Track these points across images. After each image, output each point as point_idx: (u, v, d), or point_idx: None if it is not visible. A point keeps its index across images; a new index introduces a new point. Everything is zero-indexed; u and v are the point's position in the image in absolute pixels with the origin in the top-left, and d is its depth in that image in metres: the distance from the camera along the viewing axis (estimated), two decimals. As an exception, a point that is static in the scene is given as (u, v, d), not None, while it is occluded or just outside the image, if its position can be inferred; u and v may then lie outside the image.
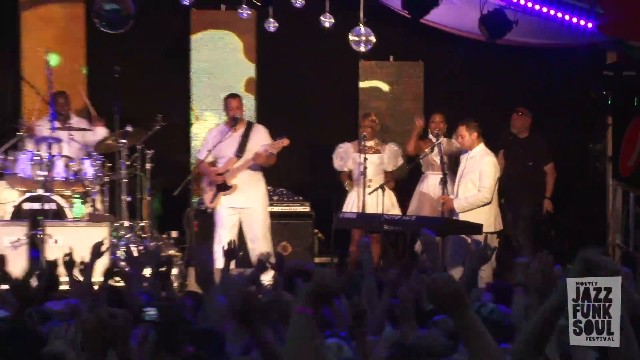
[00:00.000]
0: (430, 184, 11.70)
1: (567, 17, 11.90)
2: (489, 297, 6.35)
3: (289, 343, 3.64)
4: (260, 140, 11.44)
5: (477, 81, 13.53)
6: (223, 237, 10.89)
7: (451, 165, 11.57)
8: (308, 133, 13.15)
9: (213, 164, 11.55)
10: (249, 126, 11.60)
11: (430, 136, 11.70)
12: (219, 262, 9.95)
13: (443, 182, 10.94)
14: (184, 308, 5.79)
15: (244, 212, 11.42)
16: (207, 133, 12.04)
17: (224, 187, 11.47)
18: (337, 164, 12.07)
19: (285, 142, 11.27)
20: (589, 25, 11.94)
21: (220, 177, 11.41)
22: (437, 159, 11.31)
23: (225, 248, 7.40)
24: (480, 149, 10.88)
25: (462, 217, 10.61)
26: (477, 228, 10.32)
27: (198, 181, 12.27)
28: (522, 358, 3.75)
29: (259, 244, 11.16)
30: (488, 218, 10.65)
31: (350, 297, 5.45)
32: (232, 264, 8.03)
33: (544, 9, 11.87)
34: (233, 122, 11.38)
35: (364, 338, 5.06)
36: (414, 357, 4.34)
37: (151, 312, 5.03)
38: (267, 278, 7.64)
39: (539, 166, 11.86)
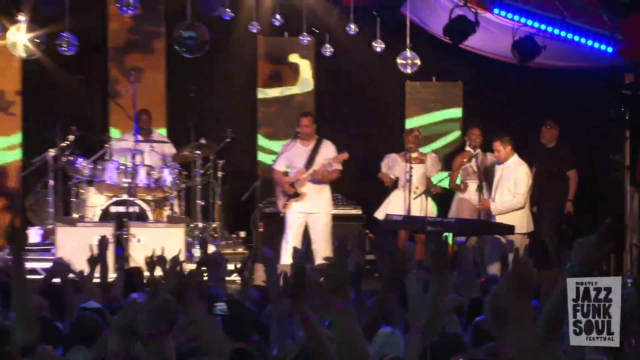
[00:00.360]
0: (468, 190, 12.67)
1: (589, 43, 12.35)
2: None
3: (338, 340, 3.71)
4: (327, 154, 12.39)
5: (510, 99, 14.34)
6: (290, 237, 11.98)
7: (486, 175, 12.50)
8: (359, 145, 13.91)
9: (285, 173, 12.49)
10: (319, 141, 12.49)
11: (468, 148, 12.65)
12: (285, 259, 11.41)
13: (479, 188, 12.03)
14: (251, 301, 6.43)
15: (310, 216, 12.35)
16: (282, 145, 12.94)
17: (294, 195, 12.45)
18: (385, 170, 12.95)
19: (345, 156, 12.25)
20: (609, 49, 12.35)
21: (291, 188, 12.38)
22: (475, 168, 12.33)
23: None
24: (514, 160, 11.90)
25: (498, 219, 11.62)
26: (509, 229, 11.34)
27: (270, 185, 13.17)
28: (541, 343, 3.73)
29: (321, 244, 12.11)
30: (520, 220, 11.65)
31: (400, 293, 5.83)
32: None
33: (569, 35, 12.33)
34: (304, 137, 12.35)
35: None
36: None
37: (221, 306, 5.39)
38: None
39: (563, 172, 12.67)
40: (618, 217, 12.92)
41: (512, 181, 11.89)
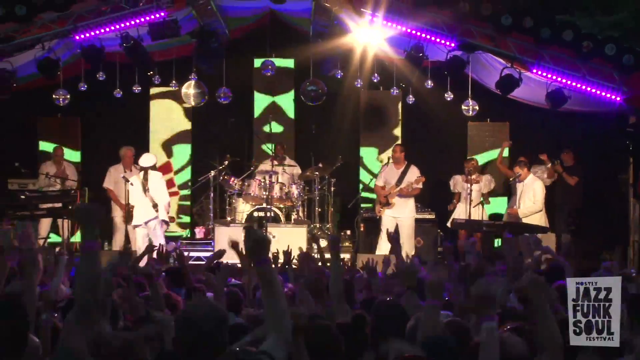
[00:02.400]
0: (512, 201, 14.91)
1: (603, 94, 13.64)
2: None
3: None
4: (413, 176, 14.43)
5: (544, 133, 15.84)
6: (383, 234, 13.87)
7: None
8: (433, 168, 15.49)
9: (383, 187, 14.60)
10: (408, 165, 14.59)
11: (515, 170, 14.78)
12: (380, 250, 13.61)
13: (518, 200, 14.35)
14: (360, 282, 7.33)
15: (398, 219, 14.42)
16: (381, 166, 14.81)
17: (386, 204, 14.54)
18: (452, 187, 15.20)
19: (423, 179, 14.41)
20: (617, 98, 13.63)
21: (385, 198, 14.50)
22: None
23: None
24: (531, 177, 14.27)
25: (524, 220, 13.90)
26: (542, 229, 13.52)
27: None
28: None
29: (406, 240, 13.91)
30: (539, 221, 13.99)
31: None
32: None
33: (588, 89, 13.60)
34: (396, 161, 14.36)
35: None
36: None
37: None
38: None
39: (577, 185, 14.53)
40: (624, 220, 14.49)
41: (532, 192, 14.06)
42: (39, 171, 15.03)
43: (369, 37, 14.53)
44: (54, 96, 14.94)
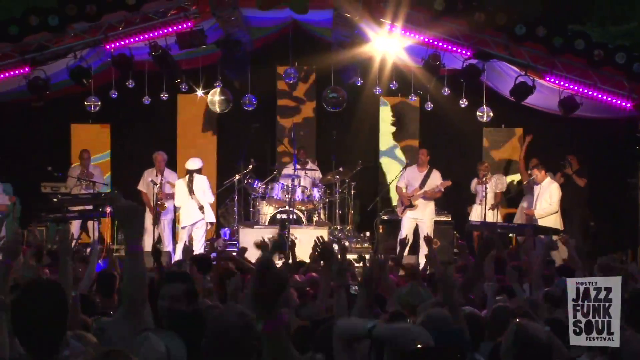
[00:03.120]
0: (528, 202, 15.21)
1: (613, 100, 13.87)
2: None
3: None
4: (436, 180, 14.63)
5: (556, 139, 16.12)
6: (403, 235, 13.83)
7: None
8: (450, 172, 15.43)
9: (404, 189, 14.75)
10: (430, 169, 14.77)
11: (529, 172, 15.07)
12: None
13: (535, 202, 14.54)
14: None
15: (419, 220, 14.63)
16: (402, 170, 15.09)
17: (409, 205, 14.69)
18: (472, 189, 15.47)
19: (448, 183, 14.58)
20: (628, 105, 13.87)
21: (408, 200, 14.65)
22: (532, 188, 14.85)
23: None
24: (548, 180, 14.41)
25: (540, 221, 14.10)
26: (555, 230, 13.76)
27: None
28: None
29: (425, 243, 13.37)
30: (555, 222, 14.21)
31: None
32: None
33: (599, 95, 13.83)
34: (420, 164, 14.53)
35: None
36: None
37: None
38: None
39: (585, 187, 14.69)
40: (633, 223, 14.73)
41: (548, 194, 14.24)
42: (67, 174, 15.38)
43: (388, 46, 14.81)
44: (85, 103, 15.40)
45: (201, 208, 14.33)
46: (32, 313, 3.56)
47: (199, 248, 13.58)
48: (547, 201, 14.43)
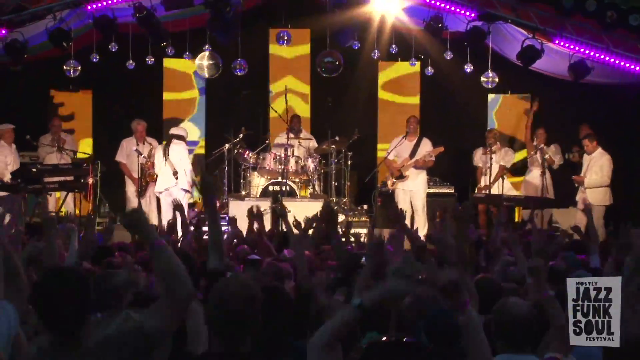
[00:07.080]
0: (533, 175, 14.85)
1: (627, 65, 13.67)
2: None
3: None
4: (426, 148, 14.35)
5: (566, 105, 15.71)
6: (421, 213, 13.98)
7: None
8: (452, 141, 15.30)
9: (395, 161, 14.50)
10: (420, 138, 14.41)
11: (535, 143, 14.77)
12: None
13: (542, 174, 14.23)
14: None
15: (411, 192, 14.39)
16: (393, 140, 14.66)
17: (400, 177, 14.44)
18: (475, 159, 15.07)
19: (441, 149, 14.27)
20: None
21: (398, 171, 14.43)
22: (540, 159, 14.53)
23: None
24: (599, 151, 14.12)
25: (589, 192, 13.79)
26: (556, 202, 13.73)
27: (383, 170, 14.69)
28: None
29: (419, 211, 14.17)
30: (605, 195, 13.92)
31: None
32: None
33: (612, 60, 13.61)
34: (410, 132, 14.24)
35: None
36: None
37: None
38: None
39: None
40: None
41: (599, 166, 13.96)
42: (37, 143, 14.86)
43: (387, 6, 14.53)
44: (64, 67, 14.91)
45: (175, 174, 13.77)
46: (53, 297, 3.49)
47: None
48: (597, 173, 14.10)
